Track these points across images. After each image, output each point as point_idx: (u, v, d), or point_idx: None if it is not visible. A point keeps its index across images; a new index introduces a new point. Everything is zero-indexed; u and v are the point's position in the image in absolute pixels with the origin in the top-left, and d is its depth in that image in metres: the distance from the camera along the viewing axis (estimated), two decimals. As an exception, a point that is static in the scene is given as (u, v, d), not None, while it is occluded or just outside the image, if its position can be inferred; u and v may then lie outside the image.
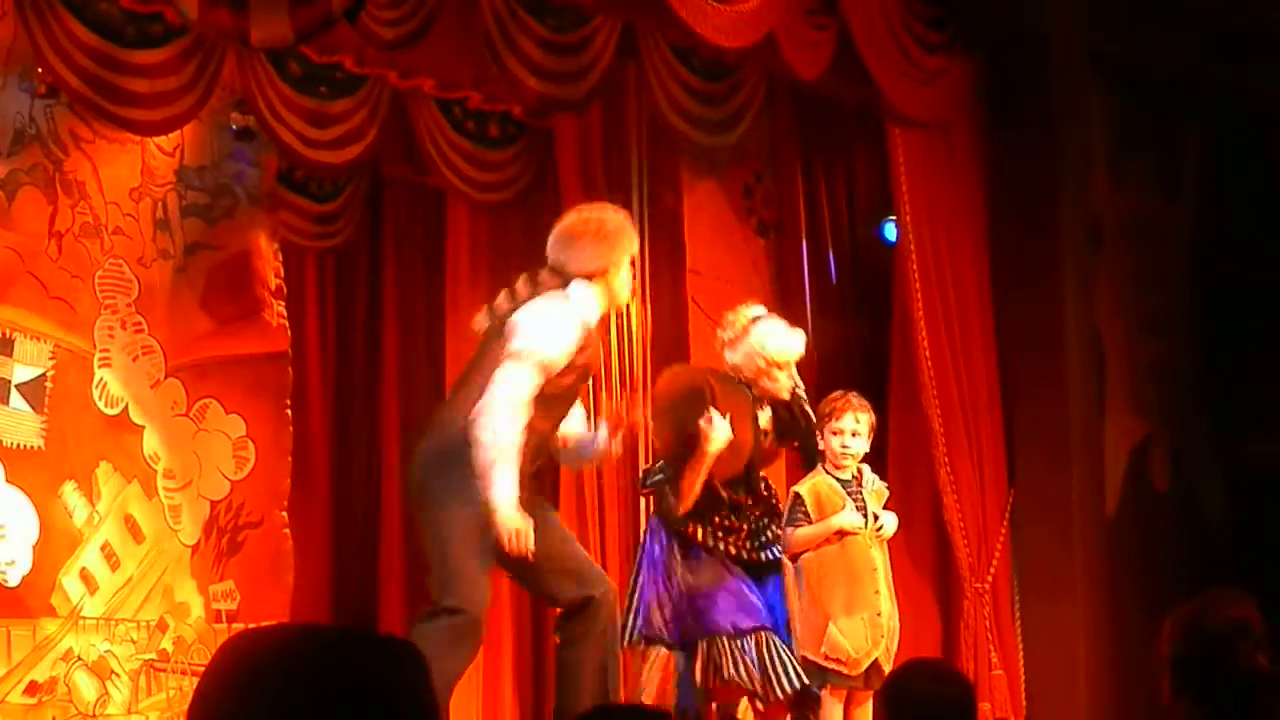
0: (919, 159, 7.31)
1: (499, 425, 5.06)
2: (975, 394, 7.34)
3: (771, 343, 5.91)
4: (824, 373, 7.31)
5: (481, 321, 5.41)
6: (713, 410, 5.67)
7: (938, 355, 7.27)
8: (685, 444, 5.75)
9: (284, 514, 7.18)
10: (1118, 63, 7.82)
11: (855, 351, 7.79)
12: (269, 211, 7.29)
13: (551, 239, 5.44)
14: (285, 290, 7.30)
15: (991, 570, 7.28)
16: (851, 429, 5.96)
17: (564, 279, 5.31)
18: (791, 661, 5.79)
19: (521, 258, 7.25)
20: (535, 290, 5.32)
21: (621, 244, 5.39)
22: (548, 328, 5.20)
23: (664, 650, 5.90)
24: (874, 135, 7.51)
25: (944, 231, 7.36)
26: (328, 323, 7.69)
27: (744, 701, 6.01)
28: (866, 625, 5.81)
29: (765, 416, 6.02)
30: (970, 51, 7.39)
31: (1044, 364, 7.38)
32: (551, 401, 5.26)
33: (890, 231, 7.67)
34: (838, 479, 5.99)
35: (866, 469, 6.08)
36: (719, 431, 5.66)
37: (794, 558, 5.92)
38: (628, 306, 7.24)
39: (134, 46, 6.15)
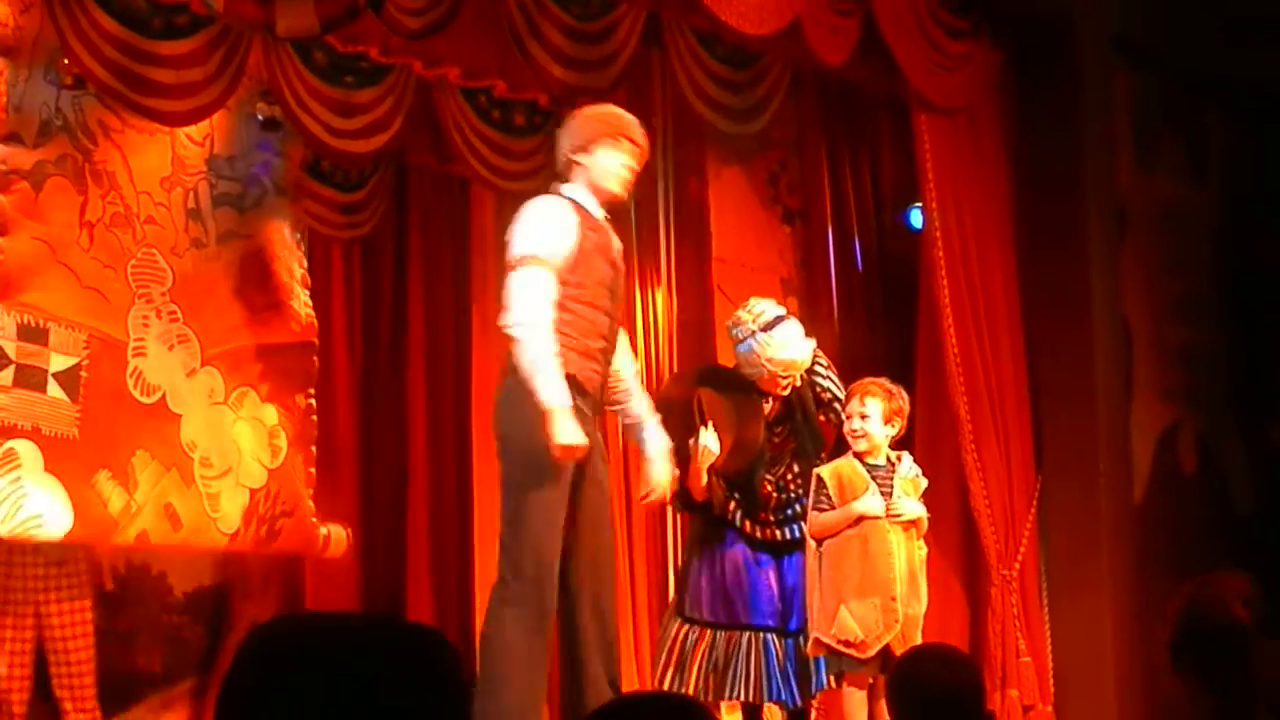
0: (945, 145, 7.25)
1: (520, 324, 5.09)
2: (1002, 380, 7.29)
3: (778, 354, 6.02)
4: (849, 360, 7.28)
5: None
6: (701, 429, 5.90)
7: (964, 341, 7.22)
8: (679, 457, 5.92)
9: (310, 502, 7.19)
10: (1143, 47, 7.78)
11: (881, 339, 7.78)
12: (294, 201, 7.29)
13: None
14: (310, 280, 7.31)
15: (1019, 557, 7.24)
16: (858, 413, 5.92)
17: (563, 170, 5.44)
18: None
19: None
20: None
21: (604, 120, 5.45)
22: (532, 224, 5.28)
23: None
24: (899, 121, 7.46)
25: (970, 217, 7.31)
26: (354, 311, 7.70)
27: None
28: (878, 610, 5.77)
29: (767, 407, 6.12)
30: (995, 37, 7.34)
31: (1071, 349, 7.33)
32: (582, 311, 5.28)
33: (916, 218, 7.64)
34: (867, 463, 5.94)
35: (907, 457, 6.03)
36: (705, 449, 5.89)
37: (818, 541, 5.91)
38: (653, 294, 7.53)
39: (160, 37, 6.12)
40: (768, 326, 6.02)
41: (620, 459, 7.17)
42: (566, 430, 4.99)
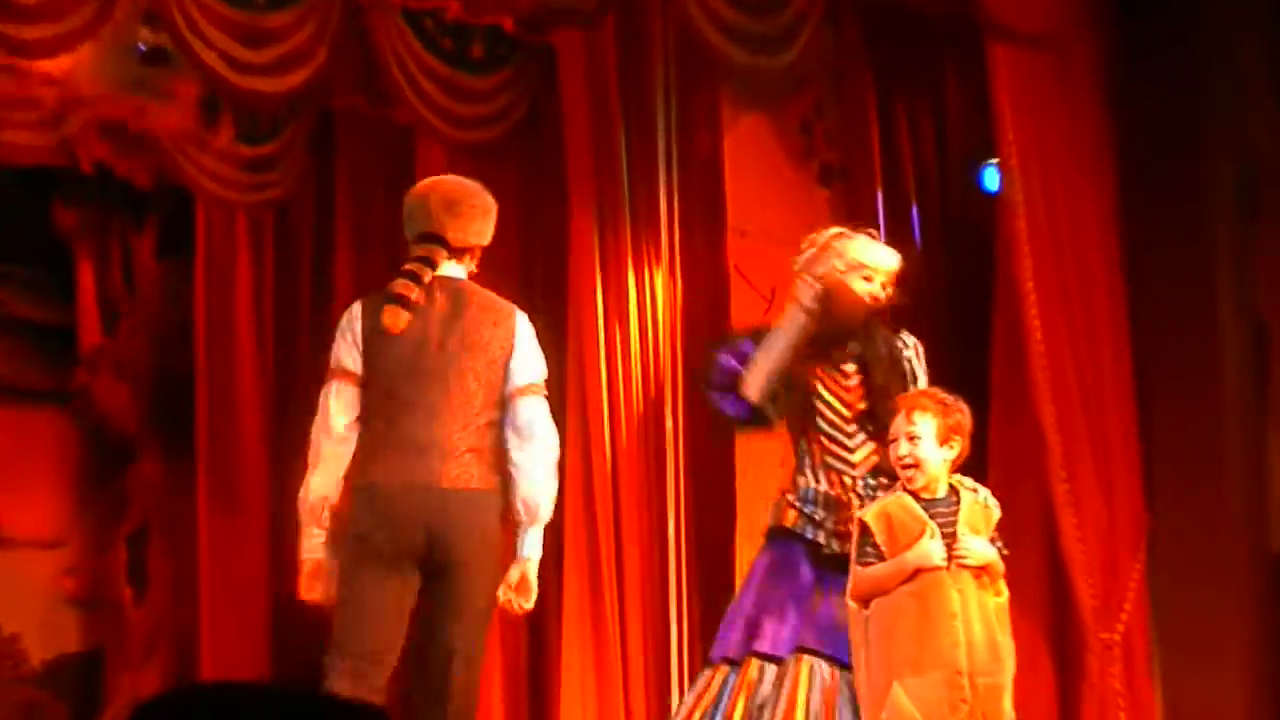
0: (1027, 86, 6.74)
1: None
2: (1102, 391, 6.79)
3: (857, 252, 5.77)
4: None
5: None
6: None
7: (1053, 341, 6.69)
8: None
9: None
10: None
11: (945, 334, 7.10)
12: (187, 156, 7.46)
13: (433, 210, 5.31)
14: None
15: (1123, 617, 6.73)
16: (905, 433, 5.32)
17: (454, 253, 5.31)
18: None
19: (513, 213, 6.99)
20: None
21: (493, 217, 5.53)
22: (537, 347, 5.45)
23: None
24: (969, 54, 6.95)
25: (1060, 181, 6.79)
26: (264, 292, 7.47)
27: None
28: (941, 686, 5.15)
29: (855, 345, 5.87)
30: (1093, -56, 7.05)
31: (1191, 354, 6.89)
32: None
33: (991, 179, 7.20)
34: (920, 499, 5.26)
35: (967, 482, 5.41)
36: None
37: (864, 601, 5.27)
38: (651, 277, 7.23)
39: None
40: (841, 235, 5.87)
41: (610, 492, 6.99)
42: None
